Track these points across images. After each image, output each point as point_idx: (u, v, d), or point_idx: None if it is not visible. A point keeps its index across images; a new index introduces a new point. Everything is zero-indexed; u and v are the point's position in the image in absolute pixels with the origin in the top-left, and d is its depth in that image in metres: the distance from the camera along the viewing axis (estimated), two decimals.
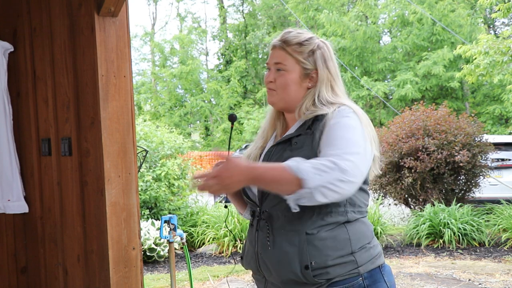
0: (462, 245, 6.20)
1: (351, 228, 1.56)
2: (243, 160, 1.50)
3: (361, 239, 1.57)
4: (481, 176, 7.26)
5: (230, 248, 6.24)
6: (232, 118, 1.77)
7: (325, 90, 1.63)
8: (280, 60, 1.66)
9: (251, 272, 1.74)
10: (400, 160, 7.09)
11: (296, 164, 1.40)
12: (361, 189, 1.58)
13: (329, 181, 1.37)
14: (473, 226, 6.32)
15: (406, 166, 7.00)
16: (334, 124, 1.51)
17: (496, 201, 7.18)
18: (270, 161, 1.61)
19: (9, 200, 2.99)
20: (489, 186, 7.68)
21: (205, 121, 26.59)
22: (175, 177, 7.10)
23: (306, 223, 1.53)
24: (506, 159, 8.25)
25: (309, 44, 1.65)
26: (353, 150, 1.44)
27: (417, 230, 6.40)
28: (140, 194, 6.54)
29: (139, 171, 3.71)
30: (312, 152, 1.52)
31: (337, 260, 1.52)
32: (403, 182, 7.12)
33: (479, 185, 7.30)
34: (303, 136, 1.58)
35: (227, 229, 6.30)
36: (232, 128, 1.80)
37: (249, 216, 1.75)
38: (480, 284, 4.80)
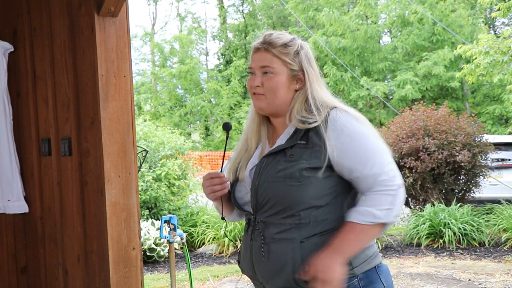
0: (462, 245, 6.19)
1: None
2: (325, 255, 1.46)
3: None
4: (481, 176, 7.26)
5: (230, 248, 6.24)
6: (227, 127, 1.69)
7: (317, 89, 1.60)
8: (267, 63, 1.59)
9: None
10: (400, 160, 7.08)
11: (368, 216, 1.46)
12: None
13: (398, 206, 1.48)
14: (473, 226, 6.31)
15: (407, 166, 7.00)
16: (345, 137, 1.50)
17: (496, 201, 7.18)
18: (263, 173, 1.55)
19: (9, 200, 2.99)
20: (489, 186, 7.67)
21: (205, 121, 26.58)
22: (175, 177, 7.10)
23: (302, 232, 1.51)
24: (506, 159, 8.25)
25: (293, 45, 1.61)
26: (383, 156, 1.50)
27: (417, 230, 6.39)
28: (140, 194, 6.54)
29: (139, 171, 3.71)
30: (310, 164, 1.50)
31: None
32: (404, 182, 7.11)
33: (479, 185, 7.30)
34: (298, 149, 1.53)
35: (226, 232, 6.30)
36: (227, 137, 1.72)
37: (237, 218, 1.75)
38: (480, 284, 4.80)
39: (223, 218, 1.79)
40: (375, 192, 1.47)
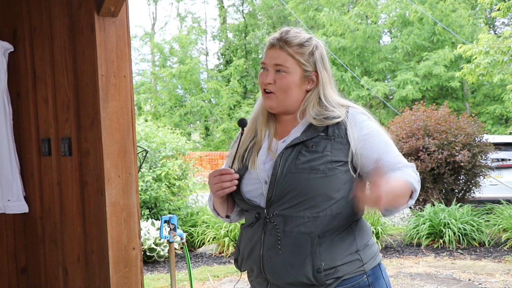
0: (462, 245, 6.20)
1: (356, 226, 1.59)
2: (383, 188, 1.36)
3: (364, 237, 1.60)
4: (481, 176, 7.26)
5: (230, 248, 6.24)
6: (243, 124, 1.65)
7: (329, 90, 1.62)
8: (281, 61, 1.58)
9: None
10: None
11: (410, 177, 1.51)
12: None
13: (418, 184, 1.54)
14: (473, 226, 6.32)
15: None
16: (367, 131, 1.57)
17: (496, 201, 7.18)
18: (285, 165, 1.54)
19: (9, 200, 2.99)
20: (489, 186, 7.67)
21: (205, 121, 26.57)
22: (176, 177, 7.10)
23: (319, 226, 1.52)
24: (506, 159, 8.25)
25: (309, 45, 1.60)
26: (396, 150, 1.61)
27: (417, 230, 6.40)
28: (140, 194, 6.54)
29: (139, 171, 3.71)
30: (334, 157, 1.52)
31: (345, 259, 1.54)
32: None
33: (479, 185, 7.30)
34: (320, 140, 1.54)
35: (227, 231, 6.31)
36: (242, 133, 1.66)
37: (238, 218, 1.75)
38: (480, 284, 4.80)
39: (227, 217, 1.74)
40: (404, 168, 1.54)
